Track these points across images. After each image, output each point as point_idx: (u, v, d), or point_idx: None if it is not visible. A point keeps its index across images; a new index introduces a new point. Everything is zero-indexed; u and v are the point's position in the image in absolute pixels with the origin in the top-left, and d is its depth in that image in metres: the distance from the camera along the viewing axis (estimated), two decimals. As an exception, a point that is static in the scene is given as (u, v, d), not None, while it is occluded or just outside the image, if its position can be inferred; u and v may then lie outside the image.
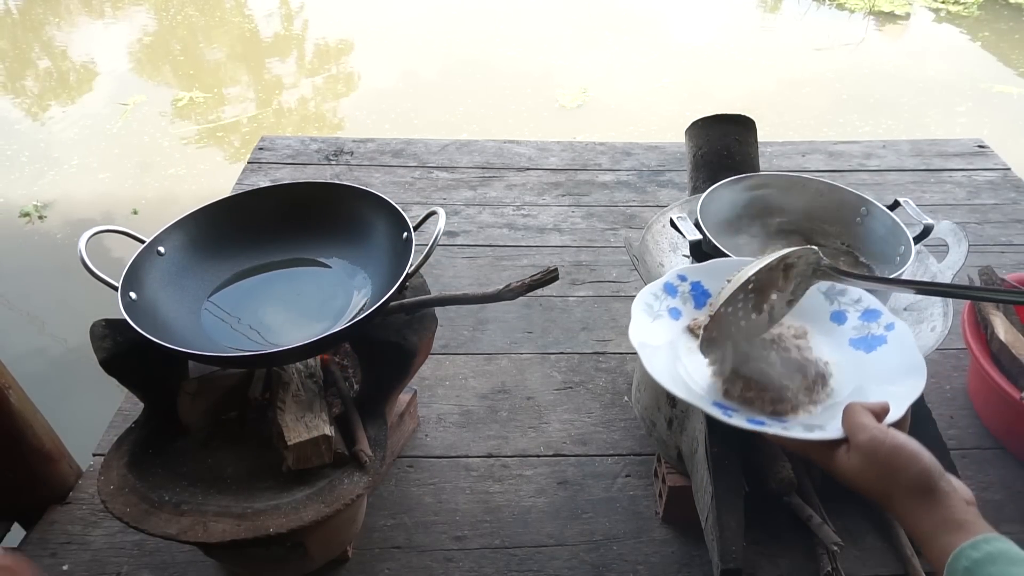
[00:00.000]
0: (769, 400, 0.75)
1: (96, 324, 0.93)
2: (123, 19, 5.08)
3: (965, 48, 4.84)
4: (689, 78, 4.29)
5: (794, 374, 0.77)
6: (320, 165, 2.05)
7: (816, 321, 0.86)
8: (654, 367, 0.75)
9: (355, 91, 4.22)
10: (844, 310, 0.86)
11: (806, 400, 0.76)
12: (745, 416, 0.72)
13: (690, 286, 0.89)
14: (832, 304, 0.86)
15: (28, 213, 2.91)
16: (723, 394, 0.77)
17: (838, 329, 0.85)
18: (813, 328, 0.86)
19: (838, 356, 0.82)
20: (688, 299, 0.88)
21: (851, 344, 0.83)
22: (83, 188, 3.14)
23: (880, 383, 0.76)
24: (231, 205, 1.07)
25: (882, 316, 0.83)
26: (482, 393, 1.39)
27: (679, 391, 0.72)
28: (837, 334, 0.84)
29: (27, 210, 2.93)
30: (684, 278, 0.89)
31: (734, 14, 5.41)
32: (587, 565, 1.10)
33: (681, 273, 0.89)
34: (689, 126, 1.27)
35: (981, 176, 2.06)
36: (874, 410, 0.65)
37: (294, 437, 0.89)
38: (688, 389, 0.75)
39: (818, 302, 0.87)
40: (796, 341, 0.82)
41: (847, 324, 0.85)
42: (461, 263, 1.72)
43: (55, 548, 1.10)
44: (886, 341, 0.81)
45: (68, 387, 2.12)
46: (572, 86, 4.10)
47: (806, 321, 0.86)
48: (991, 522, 0.57)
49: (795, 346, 0.81)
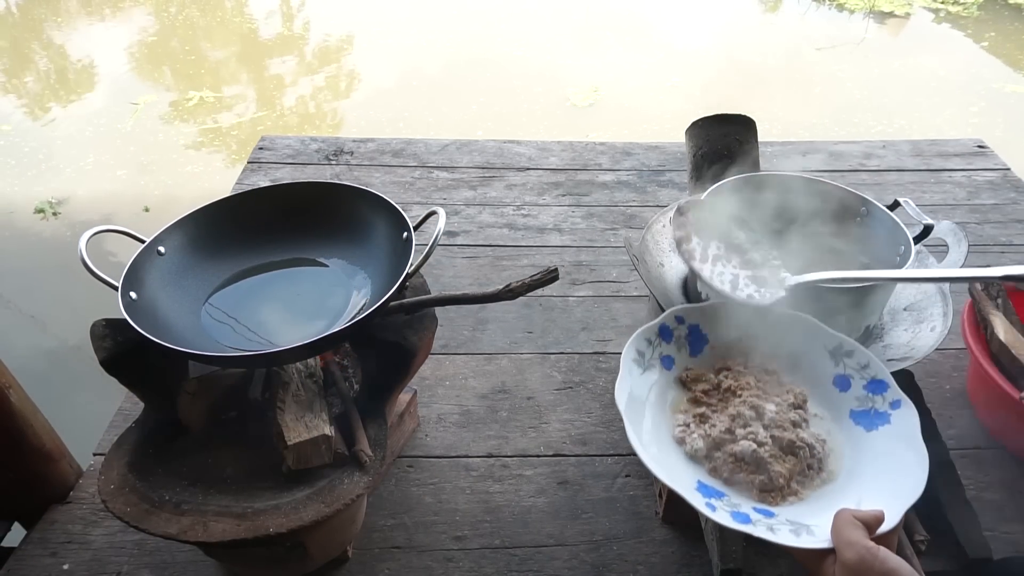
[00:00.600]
0: (758, 485, 0.73)
1: (96, 324, 0.93)
2: (128, 19, 5.08)
3: (965, 48, 4.84)
4: (693, 78, 4.29)
5: (787, 456, 0.75)
6: (320, 165, 2.05)
7: (818, 384, 0.83)
8: (636, 440, 0.72)
9: (361, 91, 4.21)
10: (849, 375, 0.82)
11: (798, 486, 0.73)
12: (730, 508, 0.69)
13: (687, 330, 0.86)
14: (837, 366, 0.83)
15: (43, 209, 2.94)
16: (709, 472, 0.75)
17: (840, 397, 0.82)
18: (814, 392, 0.83)
19: (837, 430, 0.79)
20: (683, 345, 0.85)
21: (852, 417, 0.79)
22: (96, 186, 3.17)
23: (877, 474, 0.72)
24: (231, 205, 1.07)
25: (889, 390, 0.79)
26: (482, 393, 1.39)
27: (661, 473, 0.69)
28: (839, 402, 0.81)
29: (41, 206, 2.96)
30: (682, 320, 0.86)
31: (735, 14, 5.41)
32: (587, 565, 1.10)
33: (679, 314, 0.86)
34: (689, 126, 1.27)
35: (981, 176, 2.06)
36: (866, 521, 0.62)
37: (294, 437, 0.89)
38: (671, 470, 0.71)
39: (822, 361, 0.84)
40: (792, 414, 0.79)
41: (850, 392, 0.81)
42: (461, 263, 1.72)
43: (55, 547, 1.11)
44: (889, 421, 0.77)
45: (68, 387, 2.12)
46: (584, 85, 4.10)
47: (808, 383, 0.83)
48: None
49: (790, 423, 0.78)
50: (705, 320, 0.87)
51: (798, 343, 0.87)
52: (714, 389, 0.83)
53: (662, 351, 0.84)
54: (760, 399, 0.80)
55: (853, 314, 0.92)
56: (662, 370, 0.83)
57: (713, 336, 0.87)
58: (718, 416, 0.79)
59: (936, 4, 5.45)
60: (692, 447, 0.77)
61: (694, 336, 0.86)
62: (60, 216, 2.95)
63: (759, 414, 0.78)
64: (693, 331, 0.86)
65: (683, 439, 0.78)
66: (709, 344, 0.87)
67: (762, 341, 0.87)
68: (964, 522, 1.03)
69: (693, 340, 0.86)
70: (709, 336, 0.87)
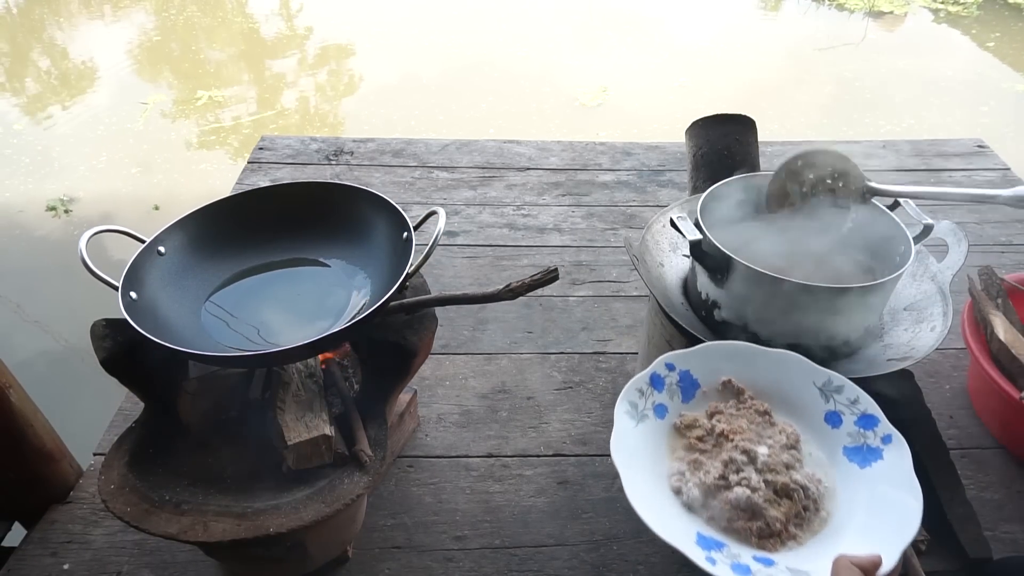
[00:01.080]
0: (756, 531, 0.73)
1: (96, 324, 0.93)
2: (129, 19, 5.08)
3: (965, 48, 4.84)
4: (697, 77, 4.29)
5: (782, 500, 0.75)
6: (320, 165, 2.05)
7: (810, 422, 0.84)
8: (634, 494, 0.72)
9: (368, 92, 4.22)
10: (840, 411, 0.83)
11: (796, 530, 0.73)
12: (730, 560, 0.69)
13: (678, 376, 0.86)
14: (828, 402, 0.84)
15: (54, 207, 2.96)
16: (707, 520, 0.75)
17: (832, 433, 0.82)
18: (806, 431, 0.83)
19: (831, 467, 0.80)
20: (675, 392, 0.85)
21: (845, 454, 0.80)
22: (105, 185, 3.19)
23: (873, 514, 0.73)
24: (231, 205, 1.07)
25: (879, 424, 0.80)
26: (482, 393, 1.39)
27: (660, 530, 0.69)
28: (831, 439, 0.82)
29: (53, 204, 2.98)
30: (672, 367, 0.86)
31: (735, 15, 5.41)
32: (587, 565, 1.10)
33: (669, 361, 0.86)
34: (689, 126, 1.27)
35: (981, 176, 2.06)
36: (863, 566, 0.63)
37: (294, 437, 0.89)
38: (669, 523, 0.72)
39: (812, 399, 0.84)
40: (786, 455, 0.79)
41: (842, 429, 0.82)
42: (461, 263, 1.72)
43: (56, 547, 1.11)
44: (882, 457, 0.78)
45: (69, 387, 2.12)
46: (592, 85, 4.11)
47: (800, 421, 0.84)
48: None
49: (783, 465, 0.78)
50: (695, 364, 0.87)
51: (788, 381, 0.87)
52: (708, 434, 0.83)
53: (655, 400, 0.84)
54: (752, 442, 0.80)
55: (853, 314, 0.92)
56: (656, 420, 0.83)
57: (704, 380, 0.87)
58: (711, 462, 0.79)
59: (936, 4, 5.45)
60: (688, 496, 0.76)
61: (685, 382, 0.86)
62: (69, 214, 2.96)
63: (751, 458, 0.78)
64: (684, 377, 0.86)
65: (679, 488, 0.77)
66: (701, 389, 0.87)
67: (752, 381, 0.88)
68: (964, 522, 1.03)
69: (685, 386, 0.86)
70: (700, 381, 0.87)
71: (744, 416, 0.84)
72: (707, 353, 0.88)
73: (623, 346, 1.50)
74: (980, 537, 1.03)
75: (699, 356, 0.87)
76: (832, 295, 0.89)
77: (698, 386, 0.87)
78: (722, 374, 0.88)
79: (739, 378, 0.88)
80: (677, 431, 0.84)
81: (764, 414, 0.85)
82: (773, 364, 0.88)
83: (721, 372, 0.88)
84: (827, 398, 0.84)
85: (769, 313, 0.93)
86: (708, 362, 0.87)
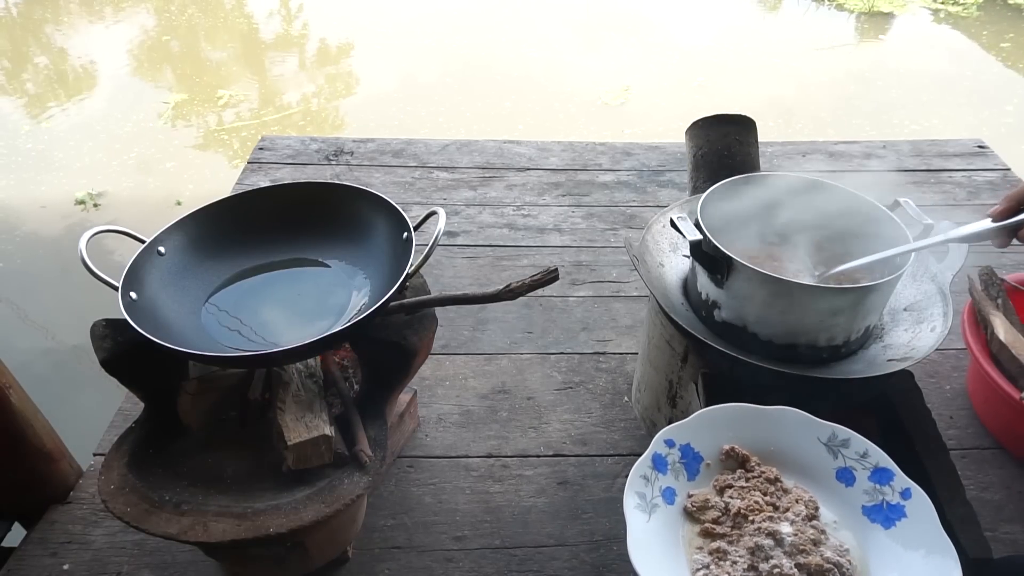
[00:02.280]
0: None
1: (96, 324, 0.93)
2: (134, 20, 5.09)
3: (965, 48, 4.84)
4: (698, 76, 4.30)
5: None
6: (320, 165, 2.05)
7: (822, 482, 0.81)
8: None
9: (370, 91, 4.22)
10: (851, 467, 0.80)
11: None
12: None
13: (679, 452, 0.82)
14: (836, 459, 0.81)
15: (83, 201, 3.03)
16: None
17: (847, 492, 0.79)
18: (821, 493, 0.80)
19: (854, 532, 0.76)
20: (680, 471, 0.82)
21: (865, 514, 0.77)
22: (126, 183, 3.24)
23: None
24: (231, 205, 1.07)
25: (895, 478, 0.77)
26: (482, 393, 1.39)
27: None
28: (847, 499, 0.79)
29: (82, 198, 3.04)
30: (672, 443, 0.82)
31: (736, 15, 5.42)
32: (587, 565, 1.10)
33: (668, 438, 0.82)
34: (689, 126, 1.27)
35: (981, 176, 2.06)
36: None
37: (294, 437, 0.89)
38: None
39: (820, 456, 0.81)
40: (810, 530, 0.75)
41: (856, 486, 0.79)
42: (461, 263, 1.72)
43: (55, 548, 1.11)
44: (905, 515, 0.75)
45: (69, 387, 2.12)
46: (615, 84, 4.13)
47: (812, 483, 0.81)
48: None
49: (811, 542, 0.73)
50: (695, 436, 0.84)
51: (791, 440, 0.84)
52: (723, 515, 0.79)
53: (661, 484, 0.80)
54: (773, 521, 0.76)
55: (853, 314, 0.92)
56: (666, 507, 0.79)
57: (706, 452, 0.84)
58: (736, 550, 0.74)
59: (935, 5, 5.44)
60: None
61: (687, 457, 0.83)
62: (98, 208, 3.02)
63: (777, 540, 0.74)
64: (685, 451, 0.83)
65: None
66: (704, 462, 0.84)
67: (755, 445, 0.85)
68: (964, 523, 1.03)
69: (688, 462, 0.83)
70: (702, 453, 0.84)
71: (755, 488, 0.80)
72: (704, 422, 0.84)
73: (623, 346, 1.50)
74: (980, 538, 1.03)
75: (697, 426, 0.84)
76: (832, 295, 0.89)
77: (701, 459, 0.83)
78: (723, 442, 0.84)
79: (742, 444, 0.84)
80: (690, 516, 0.79)
81: (775, 481, 0.81)
82: (774, 424, 0.85)
83: (722, 440, 0.84)
84: (835, 454, 0.81)
85: (769, 313, 0.93)
86: (707, 431, 0.84)
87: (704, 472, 0.83)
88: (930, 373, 1.42)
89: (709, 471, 0.84)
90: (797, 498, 0.79)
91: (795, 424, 0.85)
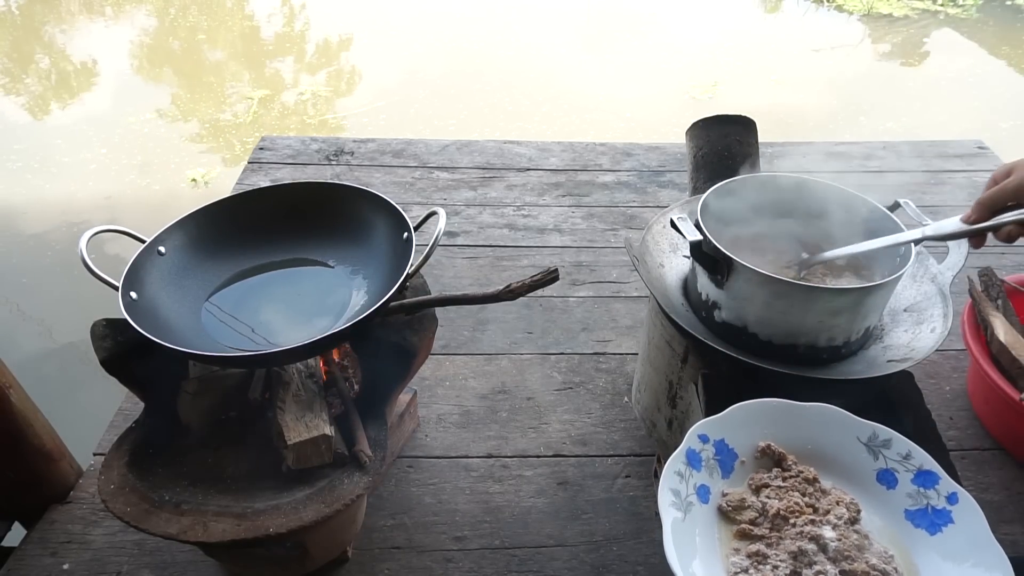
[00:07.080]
0: None
1: (97, 324, 0.93)
2: (134, 21, 5.09)
3: (965, 49, 4.84)
4: (694, 75, 4.30)
5: None
6: (320, 165, 2.05)
7: (862, 484, 0.77)
8: None
9: (370, 91, 4.22)
10: (892, 469, 0.77)
11: None
12: None
13: (714, 448, 0.79)
14: (877, 460, 0.77)
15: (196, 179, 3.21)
16: None
17: (889, 496, 0.76)
18: (861, 495, 0.77)
19: (898, 537, 0.73)
20: (714, 468, 0.78)
21: (909, 519, 0.74)
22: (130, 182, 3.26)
23: None
24: (231, 205, 1.07)
25: (941, 482, 0.74)
26: (482, 393, 1.39)
27: None
28: (889, 502, 0.75)
29: (194, 176, 3.22)
30: (706, 438, 0.79)
31: (736, 15, 5.42)
32: (587, 566, 1.10)
33: (702, 433, 0.79)
34: (689, 127, 1.27)
35: (981, 177, 2.06)
36: None
37: (294, 437, 0.89)
38: None
39: (860, 457, 0.78)
40: (854, 535, 0.72)
41: (899, 489, 0.75)
42: (461, 263, 1.73)
43: (55, 547, 1.11)
44: (953, 520, 0.71)
45: (69, 387, 2.12)
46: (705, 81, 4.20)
47: (851, 484, 0.78)
48: (991, 523, 0.57)
49: (855, 547, 0.71)
50: (730, 432, 0.80)
51: (830, 439, 0.81)
52: (761, 516, 0.76)
53: (695, 482, 0.76)
54: (816, 525, 0.73)
55: (853, 315, 0.92)
56: (701, 506, 0.75)
57: (741, 449, 0.81)
58: (776, 554, 0.71)
59: (935, 6, 5.45)
60: None
61: (722, 454, 0.79)
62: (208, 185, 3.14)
63: (821, 546, 0.71)
64: (719, 447, 0.80)
65: None
66: (738, 459, 0.81)
67: (792, 444, 0.82)
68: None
69: (722, 459, 0.79)
70: (737, 450, 0.80)
71: (793, 488, 0.77)
72: (740, 417, 0.81)
73: (623, 347, 1.50)
74: (980, 538, 1.03)
75: (732, 421, 0.81)
76: (832, 296, 0.89)
77: (736, 456, 0.80)
78: (758, 439, 0.81)
79: (778, 441, 0.81)
80: (724, 515, 0.76)
81: (813, 482, 0.78)
82: (811, 421, 0.81)
83: (756, 437, 0.81)
84: (876, 455, 0.78)
85: (769, 314, 0.93)
86: (743, 427, 0.80)
87: (738, 470, 0.80)
88: (930, 374, 1.42)
89: (743, 469, 0.80)
90: (837, 500, 0.76)
91: (834, 422, 0.81)
